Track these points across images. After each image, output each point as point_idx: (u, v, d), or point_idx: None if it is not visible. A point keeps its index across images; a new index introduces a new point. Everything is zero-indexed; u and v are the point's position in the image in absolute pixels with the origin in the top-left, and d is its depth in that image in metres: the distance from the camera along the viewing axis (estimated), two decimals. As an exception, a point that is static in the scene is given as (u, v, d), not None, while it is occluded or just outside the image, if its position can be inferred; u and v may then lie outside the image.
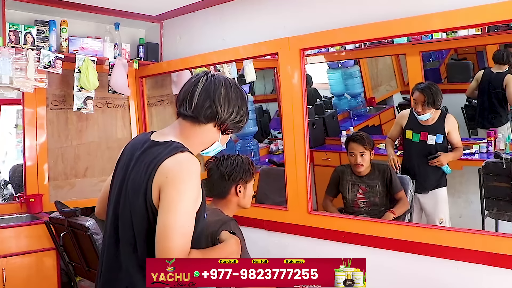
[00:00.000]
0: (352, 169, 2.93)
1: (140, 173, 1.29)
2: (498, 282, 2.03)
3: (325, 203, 3.06)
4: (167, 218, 1.20)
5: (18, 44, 2.97)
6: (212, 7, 3.25)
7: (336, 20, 2.50)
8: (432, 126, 2.99)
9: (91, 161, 3.59)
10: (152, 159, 1.27)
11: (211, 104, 1.33)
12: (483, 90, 3.79)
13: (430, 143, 2.96)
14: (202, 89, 1.34)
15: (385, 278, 2.36)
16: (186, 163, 1.26)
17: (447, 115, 3.02)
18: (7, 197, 3.60)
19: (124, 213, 1.32)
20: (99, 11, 3.27)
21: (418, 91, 2.95)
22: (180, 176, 1.24)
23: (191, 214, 1.24)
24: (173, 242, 1.18)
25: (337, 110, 5.03)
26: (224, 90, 1.34)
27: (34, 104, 3.25)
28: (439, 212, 2.99)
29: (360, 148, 2.84)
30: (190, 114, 1.34)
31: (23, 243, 2.89)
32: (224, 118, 1.35)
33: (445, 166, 2.96)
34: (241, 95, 1.38)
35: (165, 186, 1.22)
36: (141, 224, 1.27)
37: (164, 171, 1.24)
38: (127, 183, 1.33)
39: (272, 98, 5.37)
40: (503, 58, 3.62)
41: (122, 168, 1.39)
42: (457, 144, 3.00)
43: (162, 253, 1.19)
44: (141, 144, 1.36)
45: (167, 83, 3.88)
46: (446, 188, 3.05)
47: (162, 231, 1.20)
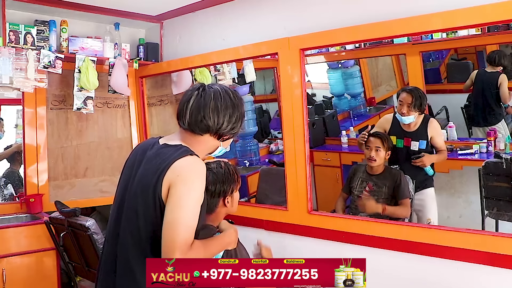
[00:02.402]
0: (366, 166, 2.96)
1: (151, 170, 1.40)
2: (498, 282, 2.03)
3: (338, 198, 3.10)
4: (176, 212, 1.32)
5: (18, 44, 2.97)
6: (212, 7, 3.25)
7: (336, 20, 2.50)
8: (415, 132, 2.99)
9: (91, 161, 3.59)
10: (164, 159, 1.40)
11: (201, 119, 1.45)
12: (477, 90, 3.84)
13: (414, 149, 2.97)
14: (193, 105, 1.46)
15: (385, 278, 2.36)
16: (196, 164, 1.40)
17: (430, 120, 3.01)
18: (7, 197, 3.61)
19: (130, 206, 1.43)
20: (99, 11, 3.27)
21: (406, 92, 2.96)
22: (190, 175, 1.37)
23: (196, 210, 1.36)
24: (179, 235, 1.29)
25: (337, 110, 5.02)
26: (214, 104, 1.45)
27: (34, 104, 3.25)
28: (427, 213, 2.99)
29: (377, 142, 2.87)
30: (187, 128, 1.48)
31: (23, 243, 2.88)
32: (217, 129, 1.47)
33: (428, 167, 2.95)
34: (232, 104, 1.48)
35: (175, 183, 1.35)
36: (147, 216, 1.38)
37: (175, 170, 1.36)
38: (133, 179, 1.45)
39: (272, 98, 5.37)
40: (495, 61, 3.70)
41: (129, 167, 1.52)
42: (441, 147, 3.00)
43: (169, 243, 1.29)
44: (151, 145, 1.50)
45: (167, 83, 3.88)
46: (433, 188, 3.05)
47: (170, 224, 1.31)
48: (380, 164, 2.90)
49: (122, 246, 1.43)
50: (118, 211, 1.48)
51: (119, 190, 1.53)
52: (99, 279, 1.53)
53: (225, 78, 3.81)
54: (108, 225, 1.54)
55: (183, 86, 3.68)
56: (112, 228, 1.50)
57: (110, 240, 1.49)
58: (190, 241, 1.32)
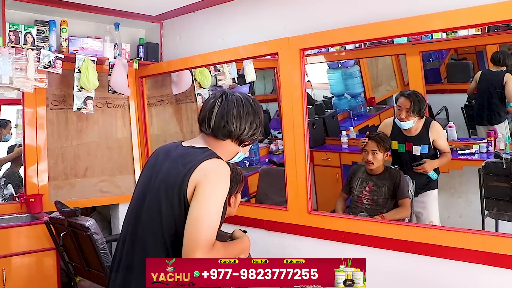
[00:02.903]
0: (366, 168, 2.96)
1: (176, 169, 1.43)
2: (498, 282, 2.03)
3: (338, 198, 3.10)
4: (201, 210, 1.34)
5: (18, 44, 2.97)
6: (212, 7, 3.25)
7: (336, 20, 2.50)
8: (416, 137, 2.97)
9: (91, 161, 3.59)
10: (191, 159, 1.43)
11: (225, 125, 1.50)
12: (482, 89, 3.83)
13: (416, 153, 2.96)
14: (218, 111, 1.51)
15: (385, 278, 2.36)
16: (223, 167, 1.44)
17: (432, 123, 2.99)
18: (7, 197, 3.61)
19: (152, 204, 1.44)
20: (99, 11, 3.27)
21: (404, 96, 2.93)
22: (217, 176, 1.41)
23: (220, 211, 1.38)
24: (202, 233, 1.30)
25: (337, 110, 5.02)
26: (236, 110, 1.51)
27: (34, 104, 3.25)
28: (428, 215, 2.98)
29: (373, 146, 2.88)
30: (210, 133, 1.53)
31: (23, 243, 2.89)
32: (239, 135, 1.52)
33: (431, 172, 2.95)
34: (253, 111, 1.54)
35: (202, 183, 1.37)
36: (170, 215, 1.39)
37: (203, 170, 1.39)
38: (155, 179, 1.47)
39: (272, 98, 5.36)
40: (500, 60, 3.71)
41: (150, 168, 1.54)
42: (444, 149, 2.99)
43: (192, 241, 1.30)
44: (175, 147, 1.54)
45: (167, 83, 3.88)
46: (437, 190, 3.04)
47: (195, 221, 1.32)
48: (379, 165, 2.90)
49: (142, 245, 1.43)
50: (137, 210, 1.48)
51: (138, 190, 1.54)
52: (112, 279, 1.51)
53: (225, 78, 3.80)
54: (125, 225, 1.53)
55: (183, 86, 3.68)
56: (130, 228, 1.49)
57: (128, 239, 1.48)
58: (212, 241, 1.33)
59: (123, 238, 1.51)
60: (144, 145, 3.76)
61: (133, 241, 1.46)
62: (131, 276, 1.43)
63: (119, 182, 3.67)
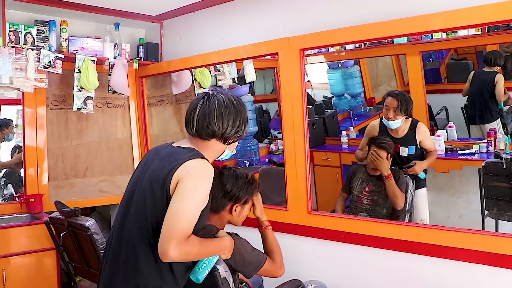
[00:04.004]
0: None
1: (162, 166, 1.51)
2: (498, 282, 2.03)
3: (338, 198, 3.11)
4: (180, 204, 1.41)
5: (18, 44, 2.97)
6: (212, 7, 3.25)
7: (336, 20, 2.50)
8: (403, 138, 2.99)
9: (91, 161, 3.59)
10: (177, 157, 1.51)
11: (208, 125, 1.57)
12: (475, 89, 3.88)
13: (403, 154, 2.97)
14: (199, 112, 1.58)
15: (385, 278, 2.36)
16: (206, 167, 1.51)
17: (418, 124, 3.00)
18: (7, 197, 3.61)
19: (139, 198, 1.53)
20: (99, 11, 3.27)
21: (391, 96, 2.95)
22: (199, 174, 1.48)
23: (198, 207, 1.46)
24: (178, 225, 1.38)
25: (337, 110, 5.02)
26: (218, 110, 1.57)
27: (34, 104, 3.25)
28: (420, 213, 2.99)
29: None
30: (195, 134, 1.60)
31: (23, 243, 2.88)
32: (222, 133, 1.59)
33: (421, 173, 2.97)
34: (234, 110, 1.60)
35: (184, 179, 1.44)
36: (153, 207, 1.48)
37: (186, 168, 1.47)
38: (144, 176, 1.56)
39: (272, 98, 5.37)
40: (492, 61, 3.76)
41: (141, 166, 1.63)
42: (431, 149, 3.01)
43: (168, 230, 1.38)
44: (165, 147, 1.63)
45: (167, 83, 3.88)
46: (425, 188, 3.06)
47: (172, 214, 1.40)
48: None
49: (129, 235, 1.51)
50: (127, 204, 1.57)
51: (129, 187, 1.62)
52: (103, 268, 1.59)
53: (225, 78, 3.80)
54: (116, 218, 1.61)
55: (183, 86, 3.68)
56: (119, 220, 1.57)
57: (117, 230, 1.56)
58: (188, 233, 1.39)
59: (113, 230, 1.61)
60: (144, 145, 3.76)
61: (121, 233, 1.54)
62: (117, 267, 1.52)
63: (119, 182, 3.67)
